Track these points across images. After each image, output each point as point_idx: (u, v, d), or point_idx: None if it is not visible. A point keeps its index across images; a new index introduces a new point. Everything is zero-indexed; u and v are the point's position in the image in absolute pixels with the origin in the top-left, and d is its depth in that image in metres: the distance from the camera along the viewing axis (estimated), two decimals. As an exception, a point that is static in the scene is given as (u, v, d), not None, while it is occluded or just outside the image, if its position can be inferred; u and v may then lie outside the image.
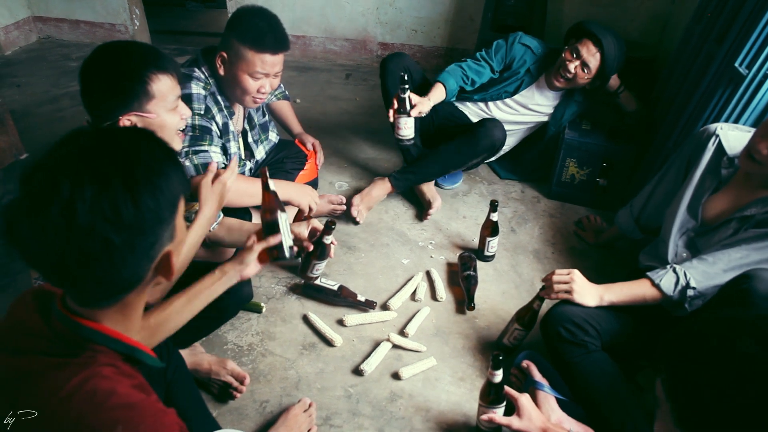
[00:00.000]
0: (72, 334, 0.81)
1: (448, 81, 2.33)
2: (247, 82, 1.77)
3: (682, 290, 1.52)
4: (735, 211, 1.56)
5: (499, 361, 1.37)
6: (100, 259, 0.72)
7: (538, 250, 2.29)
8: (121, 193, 0.71)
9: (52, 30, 4.22)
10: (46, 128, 3.01)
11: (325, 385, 1.69)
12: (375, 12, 3.80)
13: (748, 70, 1.75)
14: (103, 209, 0.69)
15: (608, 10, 3.37)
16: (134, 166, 0.74)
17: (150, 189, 0.74)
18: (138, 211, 0.72)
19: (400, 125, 2.11)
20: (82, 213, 0.68)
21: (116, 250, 0.72)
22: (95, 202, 0.69)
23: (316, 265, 1.75)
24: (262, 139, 2.14)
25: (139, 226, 0.73)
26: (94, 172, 0.71)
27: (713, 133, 1.67)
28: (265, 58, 1.73)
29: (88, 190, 0.69)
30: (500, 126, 2.35)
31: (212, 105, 1.80)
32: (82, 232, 0.69)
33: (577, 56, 2.26)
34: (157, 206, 0.75)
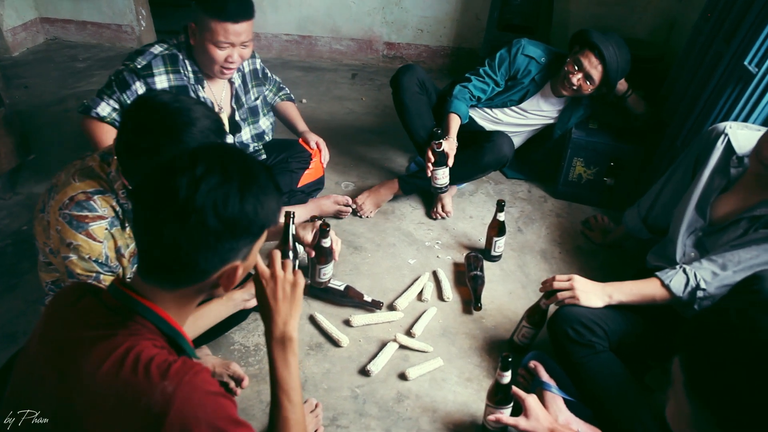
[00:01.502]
0: (123, 307, 0.87)
1: (460, 109, 2.33)
2: (214, 52, 1.81)
3: (691, 291, 1.51)
4: (744, 211, 1.55)
5: (508, 362, 1.37)
6: (190, 235, 0.81)
7: (545, 249, 2.28)
8: (234, 191, 0.83)
9: (59, 31, 4.24)
10: (54, 129, 3.02)
11: (332, 385, 1.69)
12: (381, 12, 3.79)
13: (758, 69, 1.74)
14: (216, 196, 0.81)
15: (615, 9, 3.35)
16: (253, 179, 0.86)
17: (255, 201, 0.85)
18: (240, 212, 0.83)
19: (438, 176, 2.17)
20: (202, 192, 0.80)
21: (206, 233, 0.82)
22: (214, 188, 0.81)
23: (322, 270, 1.75)
24: (250, 121, 2.16)
25: (232, 224, 0.83)
26: (224, 168, 0.84)
27: (722, 132, 1.66)
28: (228, 26, 1.76)
29: (215, 177, 0.82)
30: (508, 141, 2.35)
31: (160, 65, 1.85)
32: (193, 207, 0.80)
33: (580, 68, 2.22)
34: (253, 217, 0.85)
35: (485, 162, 2.33)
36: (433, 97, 2.51)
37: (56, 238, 1.32)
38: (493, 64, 2.41)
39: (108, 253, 1.35)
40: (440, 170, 2.16)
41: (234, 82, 2.05)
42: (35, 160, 2.66)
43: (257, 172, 0.88)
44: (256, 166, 0.89)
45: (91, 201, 1.31)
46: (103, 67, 3.83)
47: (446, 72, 3.88)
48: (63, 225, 1.29)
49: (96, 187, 1.33)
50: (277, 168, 2.28)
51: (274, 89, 2.33)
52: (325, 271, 1.76)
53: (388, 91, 2.55)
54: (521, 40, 2.40)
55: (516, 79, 2.42)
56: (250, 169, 0.87)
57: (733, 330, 0.77)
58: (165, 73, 1.86)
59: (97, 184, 1.33)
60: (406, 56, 3.96)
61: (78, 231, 1.29)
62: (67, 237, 1.30)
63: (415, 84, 2.40)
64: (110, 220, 1.34)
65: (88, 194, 1.31)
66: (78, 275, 1.33)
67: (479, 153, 2.32)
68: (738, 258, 1.49)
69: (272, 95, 2.33)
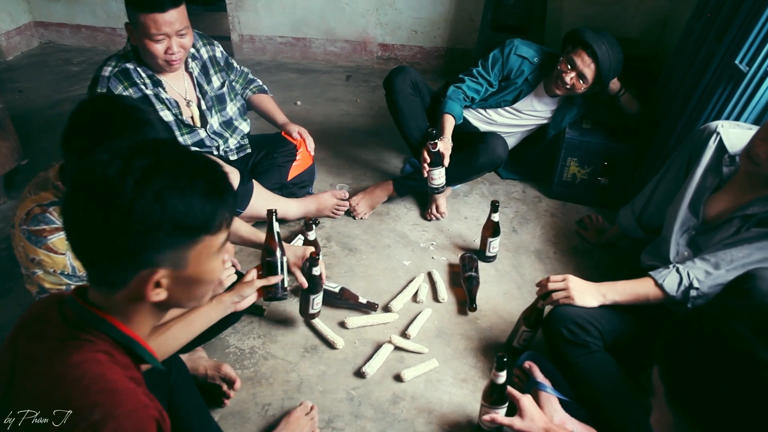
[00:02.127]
0: (77, 319, 0.84)
1: (455, 109, 2.34)
2: (151, 46, 1.80)
3: (685, 290, 1.51)
4: (736, 210, 1.55)
5: (503, 362, 1.37)
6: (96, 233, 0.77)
7: (540, 250, 2.28)
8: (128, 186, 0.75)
9: (53, 35, 4.23)
10: (48, 133, 3.02)
11: (327, 387, 1.69)
12: (375, 13, 3.79)
13: (749, 67, 1.74)
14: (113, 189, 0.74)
15: (608, 8, 3.36)
16: (157, 171, 0.77)
17: (149, 198, 0.75)
18: (129, 211, 0.74)
19: (434, 176, 2.18)
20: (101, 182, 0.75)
21: (105, 231, 0.76)
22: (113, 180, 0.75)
23: (314, 300, 1.75)
24: (217, 108, 2.15)
25: (124, 224, 0.75)
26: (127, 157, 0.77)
27: (714, 131, 1.67)
28: (156, 17, 1.74)
29: (114, 167, 0.76)
30: (502, 143, 2.36)
31: (117, 83, 1.86)
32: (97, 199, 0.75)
33: (573, 67, 2.22)
34: (147, 218, 0.75)
35: (479, 163, 2.33)
36: (427, 98, 2.52)
37: (22, 254, 1.31)
38: (486, 65, 2.41)
39: (74, 263, 1.33)
40: (436, 170, 2.16)
41: (192, 71, 2.04)
42: (29, 165, 2.65)
43: (171, 162, 0.79)
44: (174, 156, 0.80)
45: (46, 213, 1.29)
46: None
47: (440, 73, 3.88)
48: (24, 241, 1.28)
49: (51, 198, 1.31)
50: (264, 164, 2.28)
51: (241, 81, 2.32)
52: (317, 300, 1.76)
53: (382, 93, 2.55)
54: (514, 41, 2.40)
55: (509, 79, 2.43)
56: (159, 159, 0.78)
57: (709, 338, 0.75)
58: (124, 90, 1.87)
59: (52, 195, 1.31)
60: (400, 57, 3.96)
61: (38, 246, 1.28)
62: (30, 253, 1.29)
63: (408, 86, 2.41)
64: None
65: (43, 207, 1.29)
66: (48, 290, 1.32)
67: (473, 154, 2.33)
68: (730, 257, 1.50)
69: (241, 87, 2.32)
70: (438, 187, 2.22)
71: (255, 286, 1.47)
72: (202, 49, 2.10)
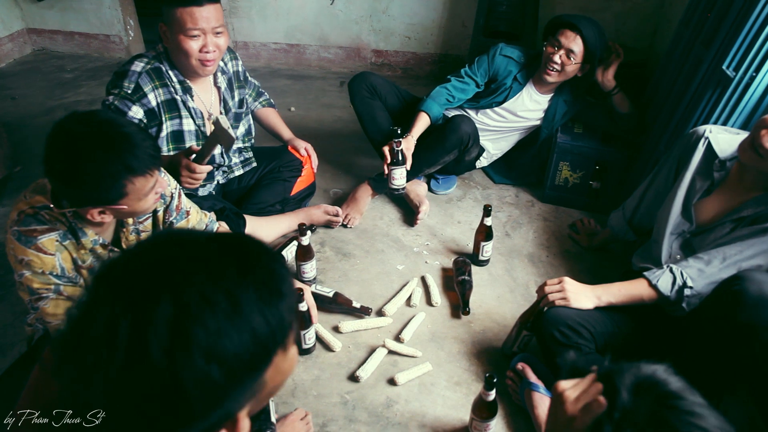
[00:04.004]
0: None
1: (432, 108, 2.39)
2: (186, 44, 1.77)
3: (679, 290, 1.53)
4: (730, 213, 1.57)
5: (492, 383, 1.39)
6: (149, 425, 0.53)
7: (533, 253, 2.30)
8: (158, 357, 0.51)
9: (46, 42, 4.24)
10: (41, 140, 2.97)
11: (321, 392, 1.70)
12: (368, 20, 3.82)
13: (735, 72, 1.77)
14: (203, 339, 0.52)
15: (598, 15, 3.39)
16: (191, 320, 0.53)
17: (225, 333, 0.54)
18: (179, 389, 0.52)
19: (395, 176, 2.19)
20: (148, 361, 0.51)
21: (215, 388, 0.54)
22: (125, 361, 0.51)
23: (305, 335, 1.74)
24: (233, 126, 2.14)
25: (175, 413, 0.53)
26: (202, 293, 0.54)
27: (702, 135, 1.69)
28: (193, 11, 1.73)
29: (122, 334, 0.51)
30: (468, 121, 2.38)
31: (147, 82, 1.82)
32: (157, 369, 0.51)
33: (559, 46, 2.27)
34: (210, 387, 0.54)
35: (448, 142, 2.37)
36: (394, 102, 2.56)
37: (11, 257, 1.31)
38: (473, 66, 2.48)
39: (63, 264, 1.34)
40: (397, 170, 2.18)
41: (221, 86, 2.03)
42: (22, 172, 2.65)
43: (207, 294, 0.55)
44: (204, 281, 0.56)
45: (38, 215, 1.30)
46: (91, 77, 3.83)
47: (434, 79, 3.91)
48: (14, 242, 1.29)
49: (44, 202, 1.31)
50: (269, 177, 2.28)
51: (253, 94, 2.33)
52: (309, 335, 1.76)
53: (375, 99, 2.57)
54: (499, 44, 2.48)
55: (497, 80, 2.47)
56: (188, 300, 0.54)
57: None
58: (153, 89, 1.84)
59: (45, 199, 1.32)
60: (393, 63, 3.98)
61: (27, 246, 1.28)
62: (18, 254, 1.29)
63: (364, 89, 2.48)
64: (61, 233, 1.32)
65: (35, 209, 1.30)
66: (37, 290, 1.32)
67: (441, 135, 2.38)
68: (723, 255, 1.51)
69: (252, 100, 2.33)
70: (398, 188, 2.24)
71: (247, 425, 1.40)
72: (229, 63, 2.10)
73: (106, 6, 3.96)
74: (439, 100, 2.41)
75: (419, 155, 2.36)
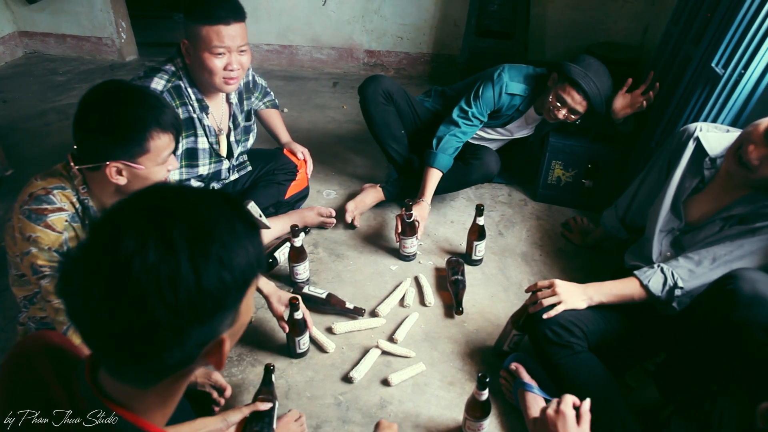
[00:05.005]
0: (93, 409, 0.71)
1: (442, 163, 2.31)
2: (210, 61, 1.77)
3: (669, 290, 1.53)
4: (719, 211, 1.58)
5: (485, 383, 1.40)
6: (140, 337, 0.62)
7: (526, 252, 2.30)
8: (184, 265, 0.61)
9: (38, 45, 4.22)
10: (33, 143, 3.01)
11: (315, 393, 1.70)
12: (360, 20, 3.82)
13: (724, 70, 1.78)
14: (160, 278, 0.60)
15: (590, 13, 3.41)
16: (207, 235, 0.64)
17: (216, 268, 0.63)
18: (198, 291, 0.62)
19: (407, 245, 2.18)
20: (136, 278, 0.59)
21: (161, 329, 0.61)
22: (154, 267, 0.60)
23: (300, 341, 1.75)
24: (242, 140, 2.15)
25: (194, 310, 0.62)
26: (161, 233, 0.61)
27: (692, 134, 1.69)
28: (220, 30, 1.74)
29: (152, 251, 0.60)
30: (495, 158, 2.40)
31: (169, 101, 1.81)
32: (132, 300, 0.60)
33: (563, 104, 2.18)
34: (220, 289, 0.64)
35: (474, 179, 2.41)
36: (404, 106, 2.49)
37: (19, 238, 1.33)
38: (479, 104, 2.32)
39: (70, 243, 1.35)
40: (408, 240, 2.15)
41: (232, 101, 2.03)
42: (14, 175, 2.64)
43: (210, 219, 0.66)
44: (206, 210, 0.66)
45: (50, 195, 1.33)
46: (84, 80, 3.82)
47: (427, 79, 3.91)
48: (23, 221, 1.31)
49: (56, 183, 1.35)
50: (264, 180, 2.28)
51: (260, 95, 2.32)
52: (303, 341, 1.76)
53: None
54: (503, 76, 2.30)
55: (500, 112, 2.39)
56: (200, 220, 0.65)
57: None
58: (181, 106, 1.85)
59: (58, 181, 1.36)
60: (386, 64, 3.98)
61: (37, 223, 1.30)
62: (27, 231, 1.30)
63: (380, 95, 2.39)
64: (71, 214, 1.35)
65: (47, 189, 1.33)
66: (41, 268, 1.33)
67: (468, 170, 2.38)
68: (713, 255, 1.52)
69: (258, 101, 2.33)
70: (410, 255, 2.21)
71: (243, 412, 1.44)
72: None
73: (97, 8, 3.94)
74: (449, 150, 2.31)
75: (444, 185, 2.35)
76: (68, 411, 0.72)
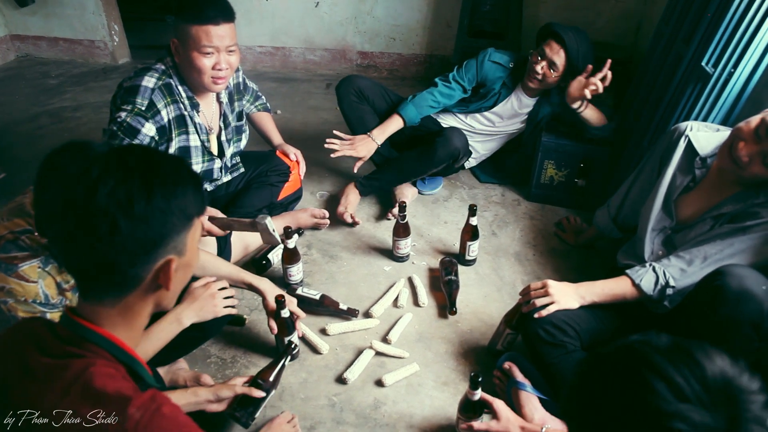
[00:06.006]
0: (75, 337, 0.84)
1: (409, 113, 2.39)
2: (199, 60, 1.78)
3: (661, 289, 1.54)
4: (710, 209, 1.59)
5: (477, 382, 1.39)
6: (104, 240, 0.78)
7: (519, 252, 2.31)
8: (138, 186, 0.79)
9: (30, 48, 4.21)
10: (26, 147, 3.00)
11: (309, 394, 1.69)
12: (353, 21, 3.82)
13: (714, 69, 1.79)
14: (119, 195, 0.78)
15: (582, 12, 3.42)
16: (157, 169, 0.83)
17: (165, 191, 0.82)
18: (149, 205, 0.80)
19: (400, 246, 2.19)
20: (101, 195, 0.77)
21: (120, 235, 0.79)
22: (114, 188, 0.78)
23: (288, 341, 1.73)
24: (234, 140, 2.15)
25: (145, 220, 0.80)
26: (122, 166, 0.81)
27: (683, 132, 1.70)
28: (209, 29, 1.74)
29: (112, 178, 0.79)
30: (460, 135, 2.39)
31: (160, 98, 1.81)
32: (97, 212, 0.77)
33: (543, 57, 2.31)
34: (167, 208, 0.82)
35: (438, 156, 2.37)
36: (380, 103, 2.54)
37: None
38: (461, 71, 2.48)
39: (47, 291, 1.31)
40: (402, 241, 2.16)
41: (222, 101, 2.04)
42: (6, 179, 2.63)
43: (162, 162, 0.86)
44: (159, 157, 0.87)
45: (18, 241, 1.28)
46: (76, 83, 3.81)
47: (420, 79, 3.92)
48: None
49: (23, 226, 1.29)
50: (257, 182, 2.27)
51: (251, 98, 2.33)
52: (293, 339, 1.73)
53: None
54: (488, 49, 2.48)
55: (486, 85, 2.47)
56: (153, 161, 0.85)
57: None
58: (166, 106, 1.84)
59: (25, 223, 1.30)
60: (379, 65, 3.99)
61: (8, 274, 1.26)
62: (0, 281, 1.27)
63: (353, 94, 2.47)
64: (43, 258, 1.30)
65: (15, 234, 1.28)
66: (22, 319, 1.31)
67: (431, 148, 2.37)
68: (704, 253, 1.53)
69: (249, 104, 2.33)
70: (403, 256, 2.22)
71: (235, 391, 1.45)
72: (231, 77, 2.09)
73: (89, 11, 3.94)
74: (420, 104, 2.41)
75: (408, 165, 2.39)
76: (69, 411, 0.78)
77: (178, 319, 1.49)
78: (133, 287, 0.86)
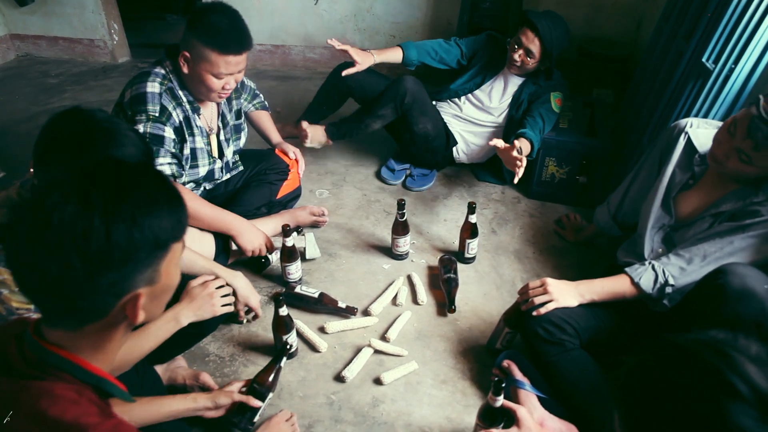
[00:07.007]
0: (39, 361, 0.79)
1: (410, 49, 2.56)
2: (211, 82, 1.79)
3: (660, 287, 1.53)
4: (709, 207, 1.58)
5: (500, 387, 1.34)
6: (57, 280, 0.72)
7: (519, 250, 2.30)
8: (98, 218, 0.71)
9: (30, 47, 4.20)
10: (25, 146, 2.97)
11: (307, 393, 1.69)
12: (353, 19, 3.81)
13: (715, 65, 1.78)
14: (74, 230, 0.70)
15: (583, 9, 3.40)
16: (125, 196, 0.74)
17: (129, 225, 0.73)
18: (108, 242, 0.71)
19: (399, 244, 2.18)
20: (54, 227, 0.70)
21: (73, 276, 0.71)
22: (70, 220, 0.70)
23: (287, 339, 1.73)
24: (233, 138, 2.14)
25: (103, 259, 0.72)
26: (83, 193, 0.72)
27: (683, 129, 1.69)
28: (229, 59, 1.75)
29: (70, 205, 0.71)
30: (415, 82, 2.49)
31: (168, 102, 1.81)
32: (50, 247, 0.70)
33: (519, 45, 2.39)
34: (129, 244, 0.73)
35: (385, 95, 2.49)
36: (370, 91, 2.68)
37: None
38: (462, 40, 2.66)
39: None
40: (401, 239, 2.15)
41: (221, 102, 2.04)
42: (5, 179, 2.63)
43: (133, 186, 0.77)
44: (132, 178, 0.78)
45: None
46: (76, 82, 3.81)
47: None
48: None
49: None
50: (256, 180, 2.27)
51: (249, 97, 2.32)
52: (290, 338, 1.73)
53: (360, 99, 2.57)
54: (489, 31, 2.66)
55: (474, 60, 2.63)
56: (122, 185, 0.75)
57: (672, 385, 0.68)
58: (174, 108, 1.84)
59: None
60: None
61: (1, 264, 1.24)
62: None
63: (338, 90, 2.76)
64: None
65: None
66: (17, 310, 1.30)
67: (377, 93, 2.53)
68: (703, 252, 1.52)
69: (247, 103, 2.33)
70: (402, 254, 2.21)
71: (234, 399, 1.46)
72: None
73: (89, 10, 3.93)
74: (421, 48, 2.57)
75: (360, 117, 2.55)
76: None
77: (176, 318, 1.48)
78: (95, 320, 0.79)
